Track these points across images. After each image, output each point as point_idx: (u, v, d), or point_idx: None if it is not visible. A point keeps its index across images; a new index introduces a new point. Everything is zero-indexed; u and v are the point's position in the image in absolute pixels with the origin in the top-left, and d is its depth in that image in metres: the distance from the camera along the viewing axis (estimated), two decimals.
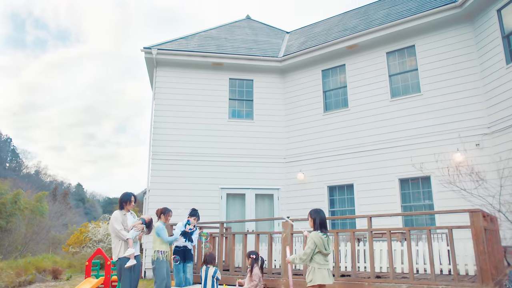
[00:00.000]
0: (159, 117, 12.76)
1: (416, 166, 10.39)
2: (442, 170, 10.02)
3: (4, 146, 66.54)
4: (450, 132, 10.32)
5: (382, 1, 14.41)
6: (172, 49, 12.92)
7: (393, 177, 10.89)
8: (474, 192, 9.36)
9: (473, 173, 9.60)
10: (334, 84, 12.75)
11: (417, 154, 10.59)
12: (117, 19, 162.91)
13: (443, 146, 10.32)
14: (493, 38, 9.85)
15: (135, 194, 6.01)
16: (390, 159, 11.00)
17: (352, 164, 11.69)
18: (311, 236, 4.28)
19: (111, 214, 6.05)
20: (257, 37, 15.33)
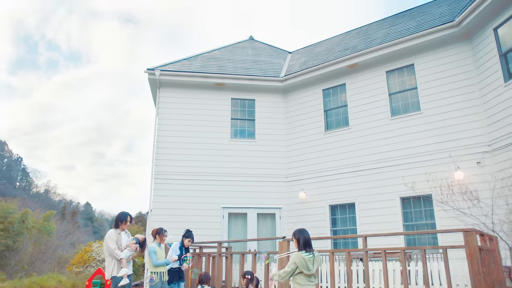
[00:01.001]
0: (162, 137, 12.92)
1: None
2: (442, 189, 9.94)
3: (14, 165, 67.45)
4: (451, 150, 10.27)
5: (383, 20, 14.60)
6: (174, 70, 13.17)
7: (394, 196, 10.82)
8: (474, 211, 9.26)
9: (473, 191, 9.51)
10: (335, 103, 12.84)
11: (418, 173, 10.52)
12: (126, 39, 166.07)
13: (444, 164, 10.26)
14: (491, 56, 9.89)
15: (131, 214, 6.08)
16: (391, 178, 10.96)
17: (353, 183, 11.66)
18: (293, 256, 4.29)
19: None
20: (259, 58, 15.56)
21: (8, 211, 25.01)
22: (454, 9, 11.52)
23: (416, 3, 52.27)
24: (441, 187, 10.01)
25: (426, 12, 12.78)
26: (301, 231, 4.47)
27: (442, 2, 12.95)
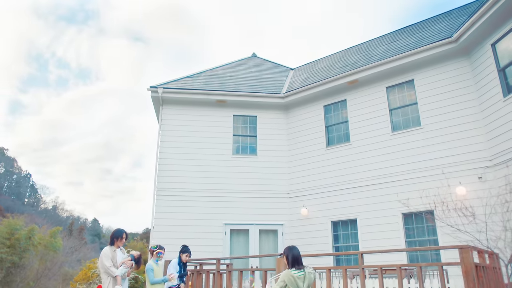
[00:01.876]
0: (164, 153, 13.05)
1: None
2: (444, 205, 9.87)
3: (23, 182, 68.11)
4: (452, 165, 10.23)
5: (383, 36, 14.72)
6: (177, 88, 13.36)
7: (396, 212, 10.75)
8: (476, 227, 9.15)
9: (475, 207, 9.42)
10: (336, 119, 12.90)
11: (420, 188, 10.45)
12: (135, 57, 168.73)
13: (446, 179, 10.19)
14: (490, 72, 9.92)
15: (127, 231, 6.13)
16: (392, 194, 10.90)
17: (354, 199, 11.62)
18: (282, 274, 4.29)
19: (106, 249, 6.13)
20: (261, 74, 15.73)
21: (15, 228, 25.14)
22: (453, 25, 11.60)
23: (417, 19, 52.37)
24: (443, 203, 9.94)
25: (426, 28, 12.88)
26: (290, 248, 4.48)
27: (441, 18, 13.06)
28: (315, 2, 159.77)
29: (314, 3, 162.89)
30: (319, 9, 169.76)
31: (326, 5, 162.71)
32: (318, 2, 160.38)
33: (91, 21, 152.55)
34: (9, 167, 73.41)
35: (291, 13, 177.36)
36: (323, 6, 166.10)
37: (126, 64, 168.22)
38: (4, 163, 72.92)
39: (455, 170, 10.15)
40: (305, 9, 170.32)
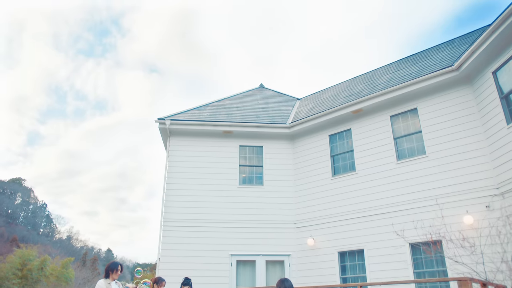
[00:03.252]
0: (171, 184, 13.19)
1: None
2: (452, 234, 9.69)
3: (39, 212, 68.92)
4: (459, 193, 10.10)
5: (388, 65, 14.88)
6: (184, 119, 13.63)
7: (403, 242, 10.56)
8: (485, 258, 8.94)
9: (483, 236, 9.23)
10: (341, 148, 12.93)
11: (426, 217, 10.32)
12: (150, 88, 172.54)
13: (452, 208, 10.06)
14: (492, 99, 9.91)
15: (122, 264, 6.18)
16: (399, 223, 10.75)
17: (361, 229, 11.48)
18: None
19: None
20: (268, 105, 15.96)
21: (27, 258, 25.37)
22: (455, 54, 11.71)
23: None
24: (450, 232, 9.76)
25: (428, 57, 13.01)
26: (282, 280, 4.49)
27: (443, 47, 13.19)
28: (325, 30, 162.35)
29: (324, 31, 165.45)
30: (329, 36, 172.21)
31: (337, 33, 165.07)
32: (328, 30, 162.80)
33: (109, 54, 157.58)
34: (26, 198, 74.57)
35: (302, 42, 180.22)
36: (334, 33, 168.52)
37: (141, 94, 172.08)
38: (21, 193, 74.14)
39: (462, 199, 10.01)
40: (316, 37, 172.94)
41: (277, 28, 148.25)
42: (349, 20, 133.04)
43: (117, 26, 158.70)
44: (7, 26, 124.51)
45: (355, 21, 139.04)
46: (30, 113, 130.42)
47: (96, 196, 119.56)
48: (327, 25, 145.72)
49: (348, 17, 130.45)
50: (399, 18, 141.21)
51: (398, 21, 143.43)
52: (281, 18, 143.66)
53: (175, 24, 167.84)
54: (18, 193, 73.52)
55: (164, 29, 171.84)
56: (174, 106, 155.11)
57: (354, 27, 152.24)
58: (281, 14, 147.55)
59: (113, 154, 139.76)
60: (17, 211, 71.18)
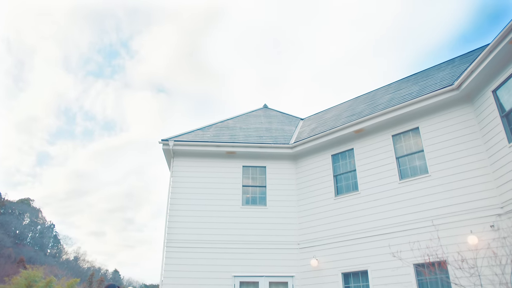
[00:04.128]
0: (175, 205, 13.23)
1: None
2: (456, 254, 9.56)
3: (47, 232, 69.03)
4: (463, 213, 10.00)
5: (389, 85, 14.98)
6: (187, 140, 13.77)
7: (408, 263, 10.43)
8: (489, 279, 8.79)
9: (488, 257, 9.09)
10: (344, 168, 12.92)
11: (429, 238, 10.21)
12: (157, 108, 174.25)
13: (457, 228, 9.95)
14: (493, 118, 9.91)
15: (120, 286, 6.20)
16: (402, 243, 10.64)
17: (365, 250, 11.38)
18: None
19: None
20: (271, 125, 16.07)
21: (33, 280, 25.30)
22: (455, 73, 11.77)
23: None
24: (455, 253, 9.64)
25: (429, 76, 13.09)
26: None
27: (444, 66, 13.28)
28: (334, 50, 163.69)
29: (332, 51, 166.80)
30: (338, 56, 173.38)
31: (346, 52, 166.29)
32: (337, 50, 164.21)
33: (117, 75, 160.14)
34: (34, 218, 74.89)
35: (311, 62, 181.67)
36: (342, 52, 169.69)
37: (149, 115, 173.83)
38: (29, 213, 74.50)
39: (465, 218, 9.91)
40: (324, 57, 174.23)
41: (286, 48, 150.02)
42: (357, 39, 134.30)
43: (126, 48, 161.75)
44: (20, 50, 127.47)
45: (363, 40, 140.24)
46: (40, 134, 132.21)
47: (103, 216, 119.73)
48: (336, 45, 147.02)
49: (356, 36, 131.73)
50: (406, 36, 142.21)
51: (405, 40, 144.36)
52: (291, 39, 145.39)
53: (183, 45, 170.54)
54: (27, 213, 73.90)
55: (172, 50, 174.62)
56: (182, 126, 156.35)
57: (362, 46, 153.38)
58: (290, 34, 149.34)
59: (121, 174, 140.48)
60: (25, 231, 71.41)
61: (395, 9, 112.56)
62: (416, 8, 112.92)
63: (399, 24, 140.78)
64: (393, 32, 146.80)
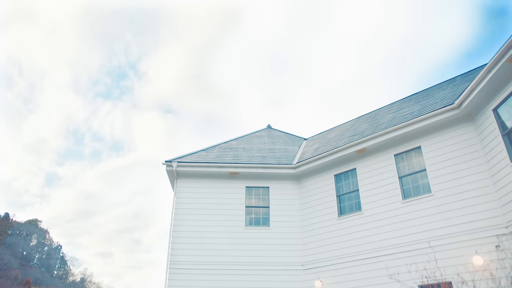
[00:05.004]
0: (178, 226, 13.25)
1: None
2: (461, 276, 9.41)
3: (54, 253, 68.93)
4: (467, 233, 9.88)
5: (391, 105, 15.03)
6: (191, 162, 13.86)
7: (412, 284, 10.28)
8: None
9: (494, 278, 8.94)
10: (347, 188, 12.89)
11: (434, 258, 10.07)
12: (165, 128, 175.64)
13: (461, 248, 9.82)
14: (494, 137, 9.89)
15: None
16: (406, 264, 10.51)
17: (369, 271, 11.23)
18: None
19: None
20: (275, 146, 16.14)
21: None
22: (456, 92, 11.81)
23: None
24: (459, 274, 9.50)
25: (430, 95, 13.14)
26: None
27: (445, 85, 13.34)
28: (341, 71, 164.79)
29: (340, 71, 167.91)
30: (345, 77, 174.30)
31: (353, 72, 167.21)
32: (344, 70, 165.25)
33: (126, 96, 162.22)
34: (41, 239, 74.95)
35: (317, 82, 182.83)
36: (350, 73, 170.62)
37: (157, 135, 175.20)
38: (37, 234, 74.61)
39: (470, 238, 9.78)
40: (332, 77, 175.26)
41: (294, 68, 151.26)
42: (364, 60, 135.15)
43: (134, 69, 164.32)
44: (30, 73, 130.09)
45: (370, 60, 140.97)
46: (48, 155, 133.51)
47: (111, 237, 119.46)
48: (344, 66, 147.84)
49: (363, 57, 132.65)
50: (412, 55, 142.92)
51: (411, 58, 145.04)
52: (299, 59, 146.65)
53: (190, 66, 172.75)
54: (34, 234, 74.01)
55: (179, 71, 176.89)
56: (189, 146, 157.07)
57: (369, 66, 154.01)
58: (298, 54, 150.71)
59: (129, 195, 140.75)
60: (32, 252, 71.39)
61: (401, 29, 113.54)
62: (421, 27, 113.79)
63: (405, 43, 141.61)
64: (399, 51, 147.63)
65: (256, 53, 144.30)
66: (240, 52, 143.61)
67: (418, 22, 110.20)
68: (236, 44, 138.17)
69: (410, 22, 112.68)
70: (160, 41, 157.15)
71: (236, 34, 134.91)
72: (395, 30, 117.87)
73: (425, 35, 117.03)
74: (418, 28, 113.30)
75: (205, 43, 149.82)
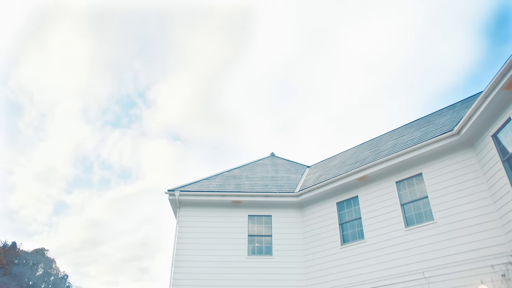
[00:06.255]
0: (180, 255, 13.18)
1: None
2: None
3: (60, 283, 68.27)
4: (471, 261, 9.70)
5: (393, 131, 15.08)
6: (193, 190, 13.92)
7: None
8: None
9: None
10: (349, 215, 12.81)
11: (442, 287, 9.89)
12: (173, 155, 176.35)
13: (466, 277, 9.62)
14: (494, 163, 9.85)
15: None
16: None
17: None
18: None
19: None
20: (277, 174, 16.17)
21: None
22: (456, 118, 11.85)
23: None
24: None
25: (431, 122, 13.18)
26: None
27: (445, 111, 13.40)
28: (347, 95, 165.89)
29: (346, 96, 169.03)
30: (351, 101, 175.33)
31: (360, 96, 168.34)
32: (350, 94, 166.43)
33: (134, 124, 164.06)
34: (48, 268, 74.43)
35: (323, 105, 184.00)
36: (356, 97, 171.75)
37: (165, 162, 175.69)
38: (43, 264, 74.14)
39: (475, 267, 9.60)
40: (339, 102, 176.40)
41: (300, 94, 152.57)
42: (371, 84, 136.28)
43: (143, 98, 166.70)
44: (42, 103, 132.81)
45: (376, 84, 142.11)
46: (57, 183, 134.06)
47: (118, 266, 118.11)
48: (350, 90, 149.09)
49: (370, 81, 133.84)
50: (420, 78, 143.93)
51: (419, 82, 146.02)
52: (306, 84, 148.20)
53: (198, 93, 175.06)
54: (41, 264, 73.56)
55: (187, 99, 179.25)
56: (197, 173, 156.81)
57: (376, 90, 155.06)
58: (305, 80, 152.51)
59: (136, 223, 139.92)
60: (38, 282, 70.77)
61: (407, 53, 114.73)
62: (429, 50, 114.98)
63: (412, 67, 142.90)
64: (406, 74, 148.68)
65: (263, 80, 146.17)
66: (247, 80, 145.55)
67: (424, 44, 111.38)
68: (243, 71, 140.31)
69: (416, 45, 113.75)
70: (168, 69, 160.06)
71: (243, 63, 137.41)
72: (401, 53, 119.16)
73: (432, 60, 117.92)
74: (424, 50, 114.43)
75: (212, 71, 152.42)
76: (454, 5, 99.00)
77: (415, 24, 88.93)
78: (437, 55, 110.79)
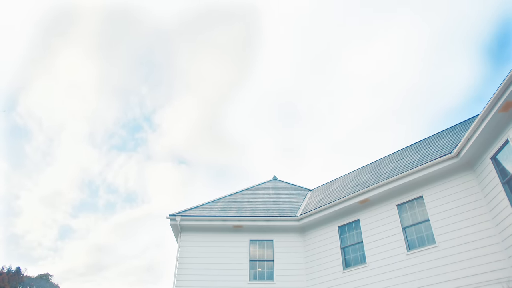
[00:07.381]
0: (181, 281, 13.06)
1: None
2: None
3: None
4: (473, 286, 9.54)
5: (393, 154, 15.08)
6: (194, 215, 13.92)
7: None
8: None
9: None
10: (351, 239, 12.70)
11: None
12: (178, 179, 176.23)
13: None
14: (495, 185, 9.79)
15: None
16: None
17: None
18: None
19: None
20: (279, 198, 16.14)
21: None
22: (455, 140, 11.86)
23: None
24: None
25: (431, 144, 13.19)
26: None
27: (445, 134, 13.41)
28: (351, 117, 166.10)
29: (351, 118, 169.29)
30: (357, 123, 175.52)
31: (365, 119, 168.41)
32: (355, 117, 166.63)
33: (140, 148, 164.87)
34: None
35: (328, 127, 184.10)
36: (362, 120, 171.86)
37: (170, 186, 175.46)
38: None
39: None
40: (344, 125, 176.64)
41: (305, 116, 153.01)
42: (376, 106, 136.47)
43: (149, 122, 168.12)
44: (49, 128, 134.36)
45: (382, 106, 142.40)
46: (63, 208, 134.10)
47: None
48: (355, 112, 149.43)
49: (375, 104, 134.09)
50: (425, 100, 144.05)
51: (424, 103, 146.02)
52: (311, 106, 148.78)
53: (203, 117, 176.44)
54: None
55: (192, 123, 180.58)
56: (202, 196, 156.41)
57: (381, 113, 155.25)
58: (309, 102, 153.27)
59: (141, 247, 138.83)
60: None
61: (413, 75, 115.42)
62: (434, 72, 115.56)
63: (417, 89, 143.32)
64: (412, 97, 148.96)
65: (268, 103, 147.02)
66: (251, 104, 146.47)
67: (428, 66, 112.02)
68: (247, 95, 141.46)
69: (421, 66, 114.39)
70: (174, 93, 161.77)
71: (247, 86, 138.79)
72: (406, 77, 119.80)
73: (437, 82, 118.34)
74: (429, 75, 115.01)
75: (217, 95, 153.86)
76: (459, 28, 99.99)
77: (420, 47, 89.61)
78: (442, 77, 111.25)
